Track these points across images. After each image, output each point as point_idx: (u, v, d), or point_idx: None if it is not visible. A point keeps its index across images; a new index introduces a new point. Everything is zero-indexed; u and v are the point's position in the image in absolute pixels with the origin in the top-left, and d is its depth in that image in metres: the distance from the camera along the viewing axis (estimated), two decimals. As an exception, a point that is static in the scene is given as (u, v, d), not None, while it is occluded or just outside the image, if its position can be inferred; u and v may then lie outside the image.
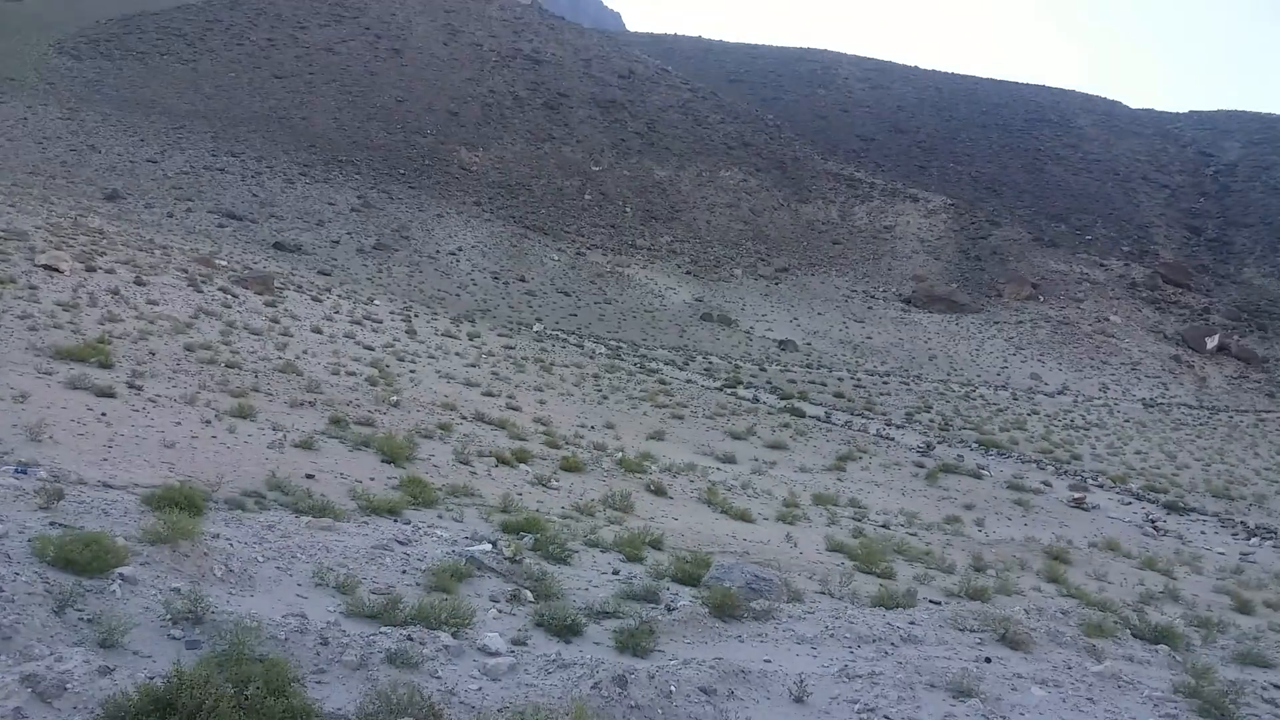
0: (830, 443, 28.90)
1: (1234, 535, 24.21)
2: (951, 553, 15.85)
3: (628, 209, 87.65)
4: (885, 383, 52.35)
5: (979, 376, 61.23)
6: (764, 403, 36.43)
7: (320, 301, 39.23)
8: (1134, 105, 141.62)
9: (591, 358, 42.37)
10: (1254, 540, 23.84)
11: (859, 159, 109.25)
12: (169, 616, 5.96)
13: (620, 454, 19.72)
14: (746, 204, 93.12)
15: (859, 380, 51.19)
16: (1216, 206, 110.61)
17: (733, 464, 22.55)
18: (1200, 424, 53.40)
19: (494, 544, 9.29)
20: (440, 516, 11.10)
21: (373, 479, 12.39)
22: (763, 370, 49.65)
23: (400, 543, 9.04)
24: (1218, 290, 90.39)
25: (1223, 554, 21.70)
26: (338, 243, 64.87)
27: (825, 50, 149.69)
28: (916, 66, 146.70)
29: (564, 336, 50.74)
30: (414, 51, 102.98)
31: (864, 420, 36.36)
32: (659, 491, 16.50)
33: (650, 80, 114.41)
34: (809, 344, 65.16)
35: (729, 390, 38.74)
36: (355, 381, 21.72)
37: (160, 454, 11.23)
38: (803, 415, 33.98)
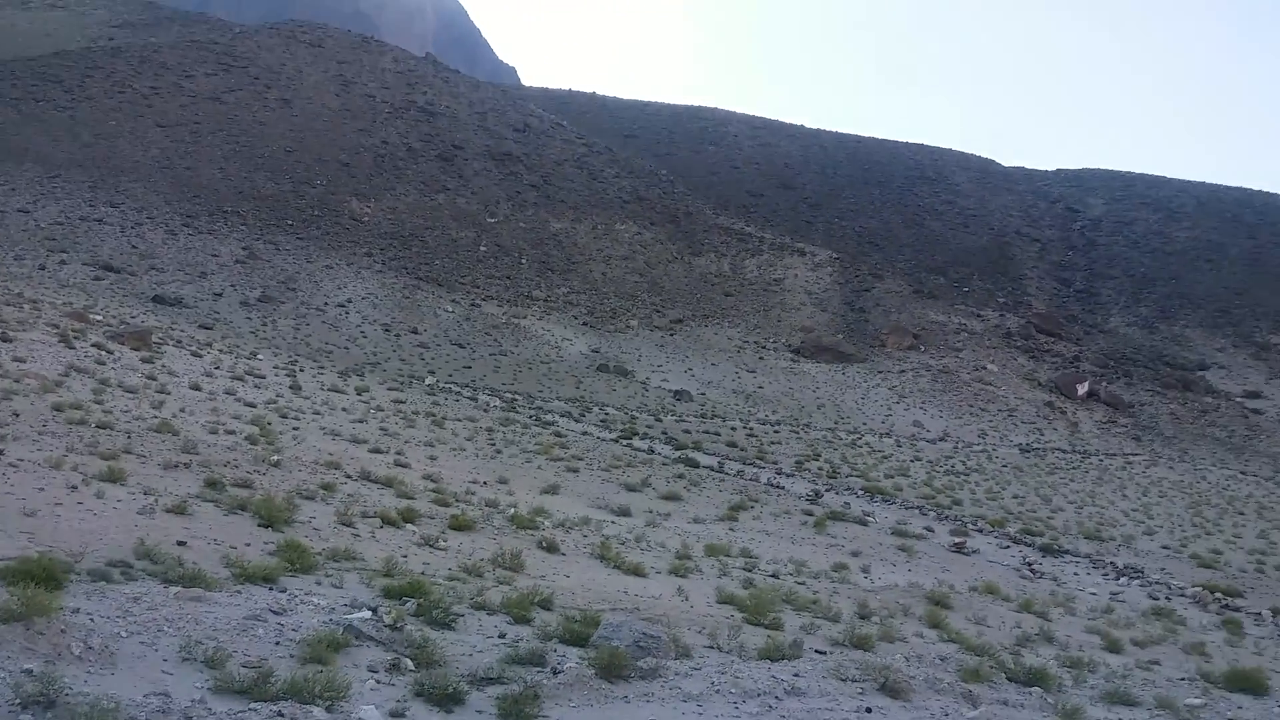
0: (723, 492, 29.21)
1: (1105, 576, 25.31)
2: (838, 600, 16.15)
3: (524, 260, 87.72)
4: (776, 431, 53.33)
5: (865, 424, 62.97)
6: (659, 453, 36.65)
7: (200, 357, 37.89)
8: (1006, 163, 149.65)
9: (486, 411, 41.96)
10: (1123, 580, 24.98)
11: (749, 214, 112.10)
12: (18, 701, 5.63)
13: (513, 510, 19.51)
14: (642, 256, 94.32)
15: (751, 429, 52.02)
16: (1084, 259, 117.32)
17: (627, 517, 22.54)
18: (1073, 468, 55.97)
19: (374, 611, 9.06)
20: (319, 583, 10.77)
21: (248, 544, 11.95)
22: (658, 421, 50.00)
23: (275, 612, 8.74)
24: (1087, 339, 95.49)
25: (1094, 594, 22.66)
26: (221, 295, 62.93)
27: (715, 109, 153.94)
28: (802, 125, 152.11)
29: (458, 389, 50.15)
30: (304, 102, 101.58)
31: (756, 469, 36.91)
32: (551, 548, 16.36)
33: (546, 134, 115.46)
34: (703, 394, 65.98)
35: (625, 441, 38.84)
36: (234, 441, 20.98)
37: (20, 523, 10.61)
38: (697, 465, 34.29)
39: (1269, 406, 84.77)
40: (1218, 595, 24.45)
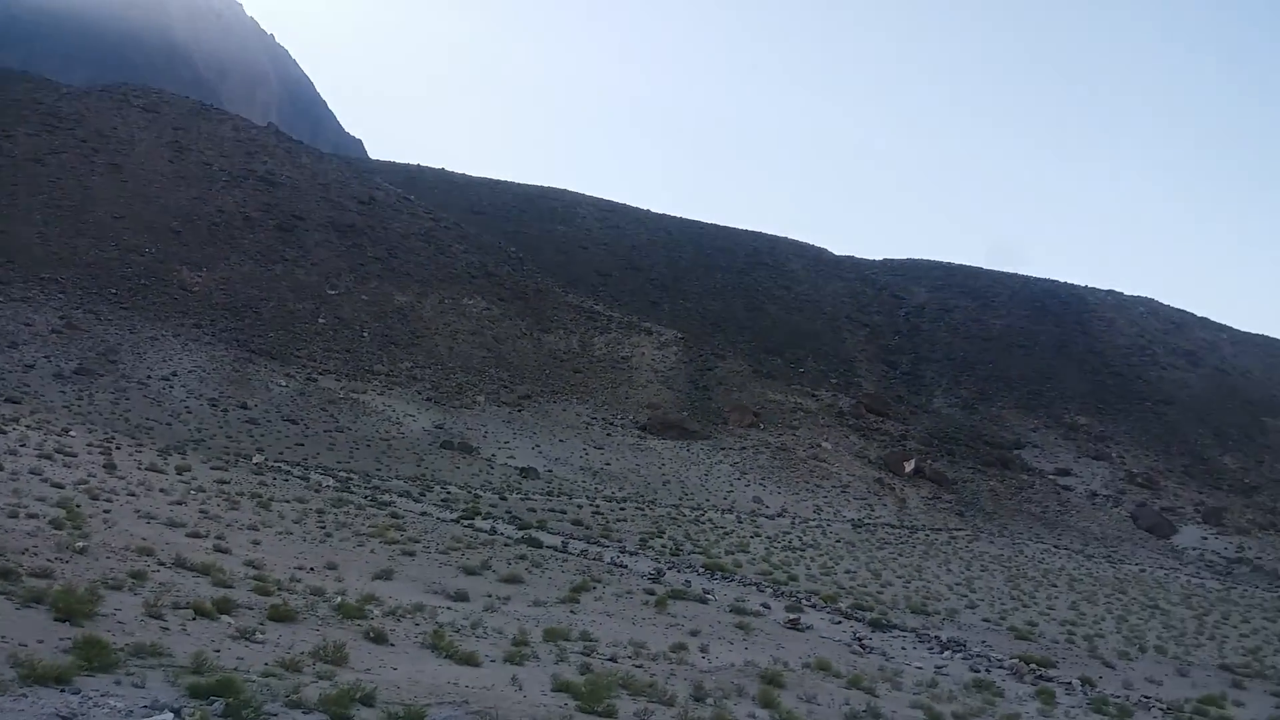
0: (566, 573, 28.89)
1: (930, 649, 26.29)
2: (675, 683, 16.15)
3: (365, 334, 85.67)
4: (622, 508, 53.43)
5: (708, 500, 63.96)
6: (502, 533, 36.01)
7: (4, 433, 34.96)
8: (838, 252, 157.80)
9: (317, 491, 40.28)
10: (946, 653, 26.02)
11: (598, 293, 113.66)
12: None
13: (340, 598, 18.67)
14: (490, 331, 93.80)
15: (598, 507, 51.92)
16: (909, 344, 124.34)
17: (464, 602, 21.94)
18: (901, 542, 58.39)
19: (176, 712, 8.46)
20: (118, 682, 9.97)
21: (41, 641, 10.98)
22: (503, 499, 49.23)
23: (63, 717, 8.03)
24: (913, 418, 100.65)
25: (920, 668, 23.48)
26: (32, 367, 58.54)
27: (565, 190, 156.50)
28: (649, 210, 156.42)
29: (288, 468, 48.00)
30: (135, 167, 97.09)
31: (600, 548, 36.75)
32: (379, 639, 15.72)
33: (392, 207, 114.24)
34: (550, 471, 65.55)
35: (466, 522, 37.98)
36: (36, 525, 19.35)
37: None
38: (540, 545, 33.85)
39: (1078, 483, 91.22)
40: (1033, 666, 25.79)
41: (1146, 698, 23.87)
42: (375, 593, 20.21)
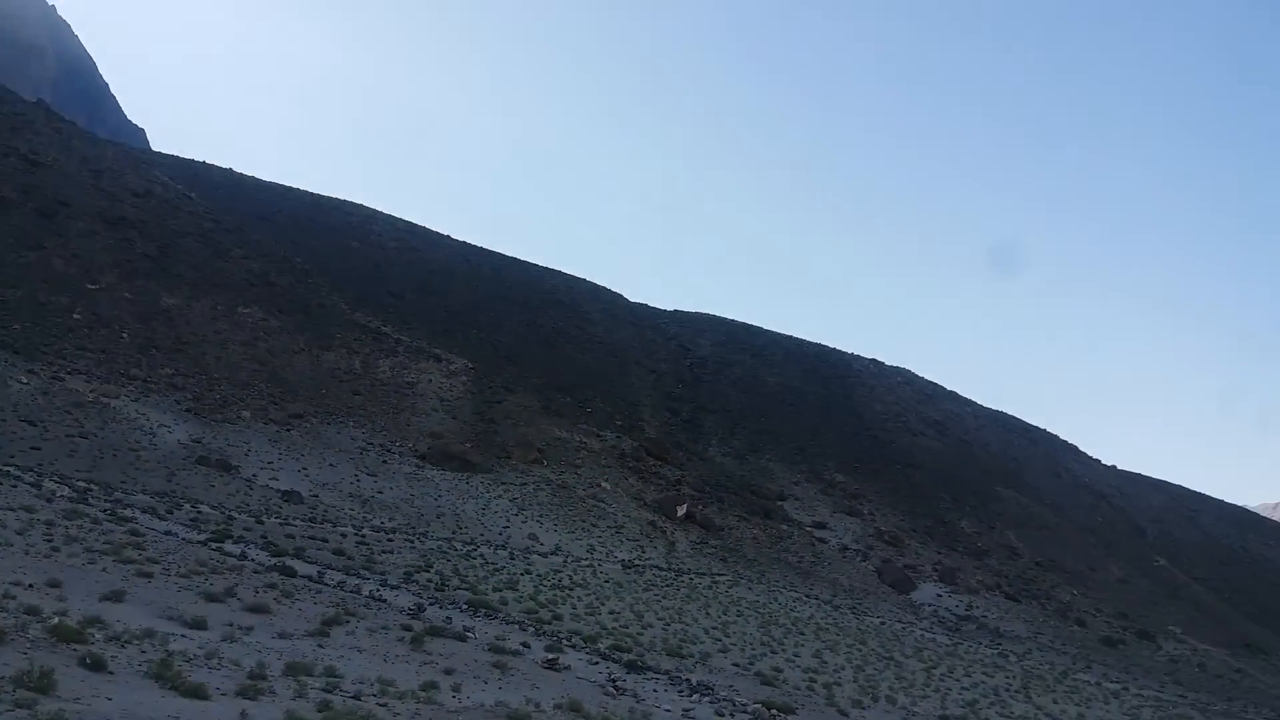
0: (319, 605, 27.68)
1: (680, 692, 27.06)
2: (420, 722, 15.81)
3: (125, 335, 79.13)
4: (390, 539, 51.79)
5: (482, 535, 63.14)
6: (253, 559, 34.01)
7: None
8: (632, 298, 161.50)
9: (49, 500, 36.68)
10: (695, 696, 26.87)
11: (387, 314, 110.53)
12: None
13: (58, 619, 17.09)
14: (264, 344, 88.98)
15: (363, 536, 50.09)
16: (691, 393, 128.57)
17: (202, 630, 20.58)
18: (667, 585, 59.82)
19: None
20: None
21: None
22: (260, 523, 46.54)
23: None
24: (689, 464, 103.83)
25: (669, 710, 24.13)
26: None
27: (362, 205, 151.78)
28: (449, 236, 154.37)
29: (18, 474, 43.41)
30: None
31: (360, 580, 35.45)
32: (97, 665, 14.50)
33: (170, 203, 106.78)
34: (316, 495, 62.63)
35: (215, 545, 35.62)
36: None
37: None
38: (294, 574, 32.24)
39: (831, 536, 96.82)
40: (774, 711, 27.07)
41: (872, 743, 25.55)
42: (101, 615, 18.66)
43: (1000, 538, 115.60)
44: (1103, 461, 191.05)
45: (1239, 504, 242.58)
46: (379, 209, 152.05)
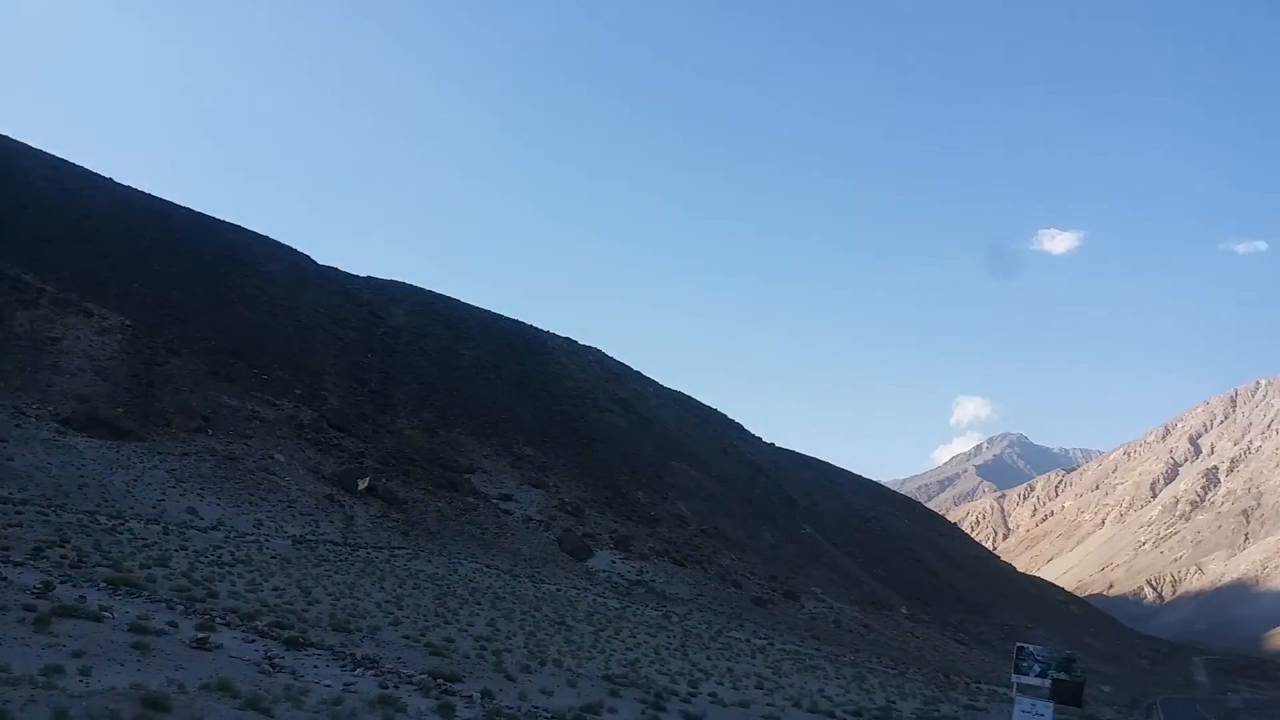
0: (-83, 587, 24.18)
1: (343, 667, 26.48)
2: (34, 710, 14.40)
3: None
4: (20, 512, 46.02)
5: (132, 509, 57.73)
6: None
7: None
8: (321, 261, 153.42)
9: None
10: (359, 670, 26.42)
11: (30, 261, 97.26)
12: None
13: None
14: None
15: (-16, 510, 44.14)
16: (382, 363, 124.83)
17: None
18: (341, 560, 58.03)
19: None
20: None
21: None
22: None
23: None
24: (374, 437, 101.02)
25: (329, 686, 23.56)
26: None
27: (8, 137, 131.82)
28: (111, 179, 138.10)
29: None
30: None
31: (-25, 559, 31.29)
32: None
33: None
34: (-76, 464, 54.18)
35: None
36: None
37: None
38: (-114, 553, 27.85)
39: (517, 508, 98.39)
40: (440, 681, 27.23)
41: (536, 708, 26.46)
42: None
43: (672, 507, 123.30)
44: (763, 439, 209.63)
45: (874, 479, 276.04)
46: (28, 143, 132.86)
